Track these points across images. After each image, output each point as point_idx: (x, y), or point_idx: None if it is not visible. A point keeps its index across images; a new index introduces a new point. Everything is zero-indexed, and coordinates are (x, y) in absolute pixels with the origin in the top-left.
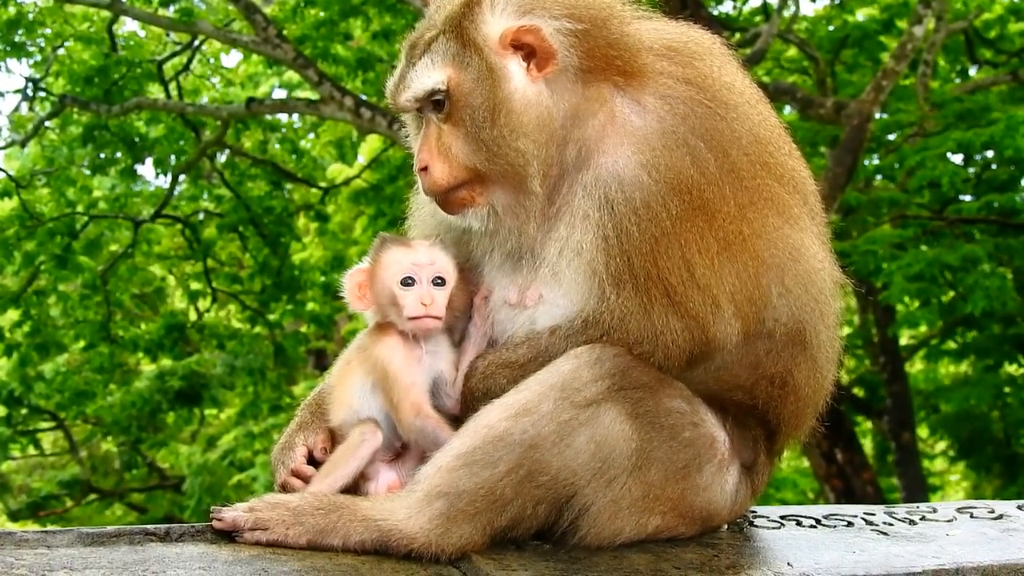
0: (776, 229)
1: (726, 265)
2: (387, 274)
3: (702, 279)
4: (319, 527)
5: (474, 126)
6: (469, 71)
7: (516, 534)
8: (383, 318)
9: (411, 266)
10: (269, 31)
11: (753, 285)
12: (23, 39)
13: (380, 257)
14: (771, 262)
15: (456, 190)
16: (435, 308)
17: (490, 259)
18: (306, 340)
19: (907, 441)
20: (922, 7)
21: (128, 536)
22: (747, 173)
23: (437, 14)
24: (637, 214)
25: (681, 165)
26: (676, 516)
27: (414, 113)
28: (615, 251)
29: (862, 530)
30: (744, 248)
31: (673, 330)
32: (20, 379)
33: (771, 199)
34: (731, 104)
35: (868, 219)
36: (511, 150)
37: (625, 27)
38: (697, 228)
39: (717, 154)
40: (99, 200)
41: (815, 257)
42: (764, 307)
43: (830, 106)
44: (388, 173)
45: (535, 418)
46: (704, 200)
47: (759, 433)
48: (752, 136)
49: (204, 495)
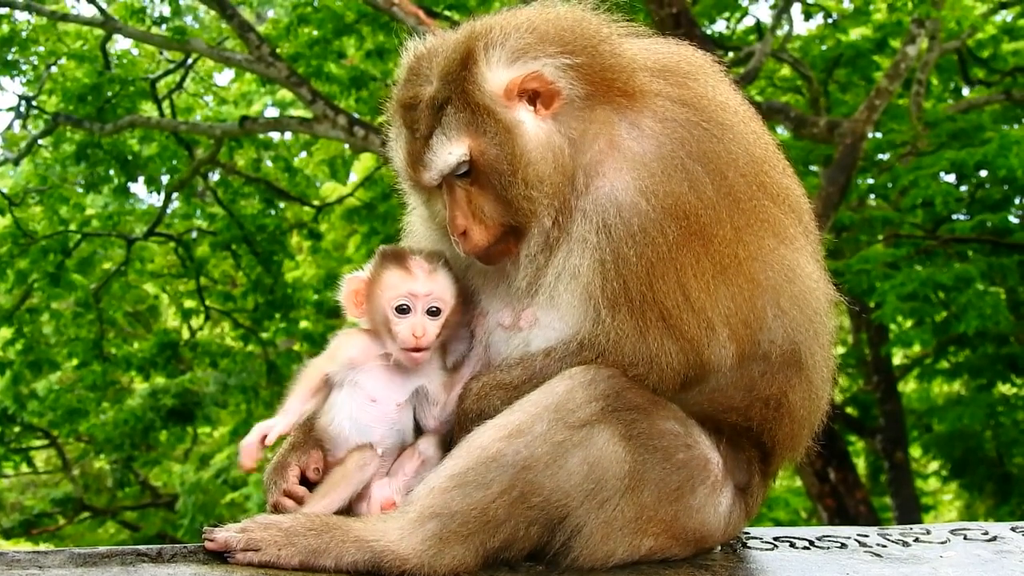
0: (772, 250)
1: (721, 288)
2: (383, 296)
3: (697, 302)
4: (311, 548)
5: (501, 187)
6: (487, 135)
7: (509, 555)
8: (374, 329)
9: (407, 294)
10: (262, 49)
11: (748, 308)
12: (16, 57)
13: (379, 275)
14: (767, 284)
15: (495, 246)
16: (426, 340)
17: (485, 282)
18: (299, 358)
19: (900, 460)
20: (915, 27)
21: (120, 557)
22: (744, 195)
23: (427, 68)
24: (634, 239)
25: (679, 191)
26: (669, 538)
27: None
28: (612, 275)
29: (855, 552)
30: (740, 271)
31: (668, 353)
32: (13, 397)
33: (767, 220)
34: (727, 124)
35: (861, 238)
36: (536, 201)
37: (617, 49)
38: (694, 252)
39: (714, 177)
40: (92, 218)
41: (810, 277)
42: (759, 330)
43: (823, 125)
44: (381, 191)
45: (528, 439)
46: (701, 224)
47: (753, 455)
48: (748, 156)
49: (197, 513)
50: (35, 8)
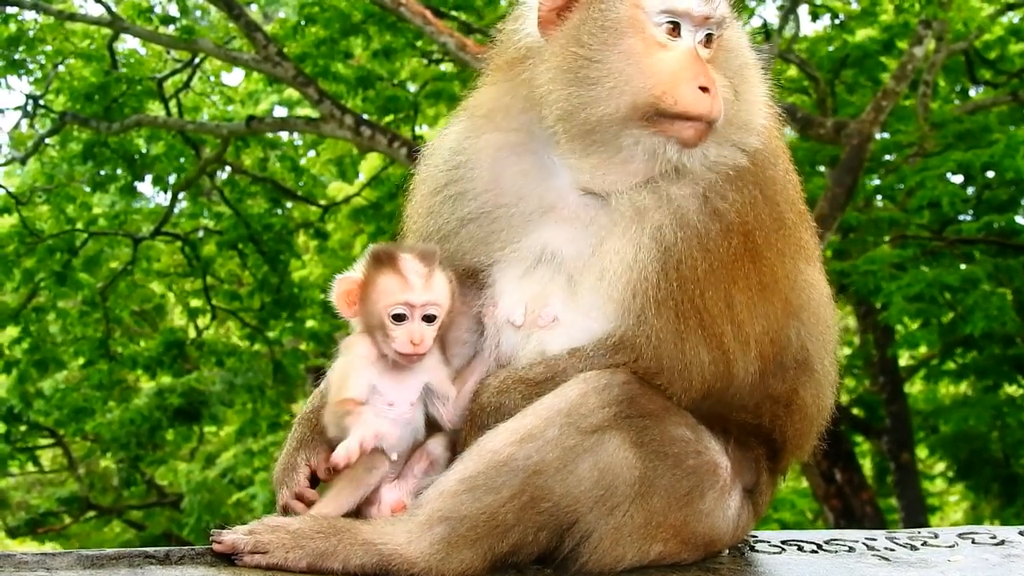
0: (801, 273)
1: (759, 306)
2: (379, 301)
3: (739, 316)
4: (319, 551)
5: (730, 79)
6: (735, 30)
7: (517, 560)
8: (368, 330)
9: (404, 304)
10: (269, 49)
11: (778, 327)
12: (23, 56)
13: (374, 279)
14: (796, 304)
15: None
16: (423, 346)
17: (500, 267)
18: (305, 357)
19: (906, 461)
20: (922, 28)
21: (128, 559)
22: (789, 222)
23: None
24: (702, 242)
25: (746, 209)
26: (678, 543)
27: (665, 30)
28: (672, 274)
29: (863, 555)
30: (777, 291)
31: (701, 362)
32: (19, 396)
33: (802, 245)
34: (776, 151)
35: (868, 239)
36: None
37: None
38: (744, 268)
39: (772, 205)
40: (99, 217)
41: (822, 284)
42: (784, 349)
43: (830, 126)
44: (388, 191)
45: (540, 444)
46: (755, 243)
47: (761, 453)
48: (792, 183)
49: (203, 513)
50: (42, 7)
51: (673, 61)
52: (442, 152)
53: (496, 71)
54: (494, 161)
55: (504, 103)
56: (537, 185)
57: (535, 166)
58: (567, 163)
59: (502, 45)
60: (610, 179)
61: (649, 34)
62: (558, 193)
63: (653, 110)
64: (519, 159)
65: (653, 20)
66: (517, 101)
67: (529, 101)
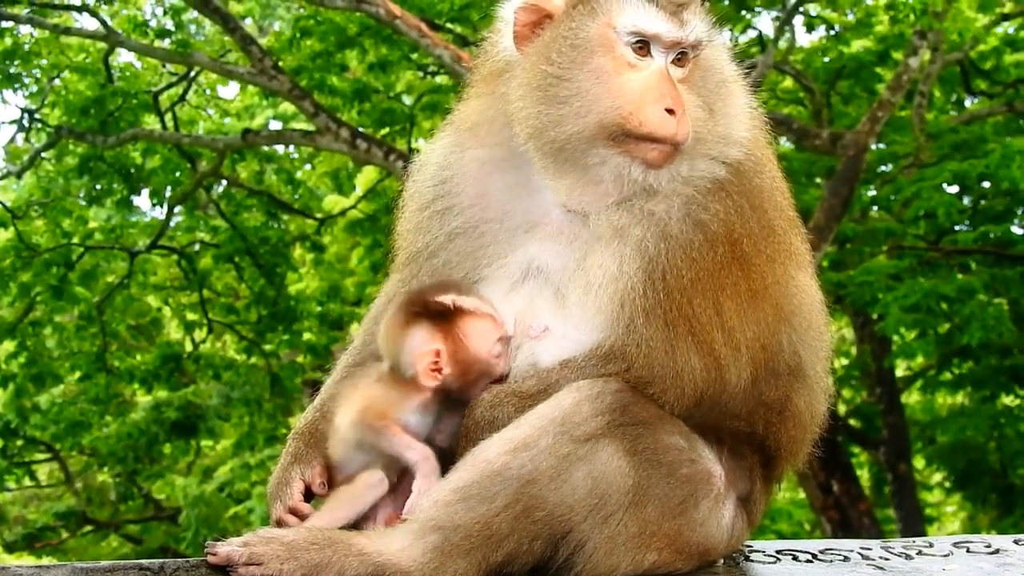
0: (792, 279)
1: (750, 313)
2: (482, 348)
3: (728, 323)
4: (314, 562)
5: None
6: (714, 48)
7: (511, 570)
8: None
9: (500, 341)
10: (265, 62)
11: (769, 333)
12: (19, 70)
13: (464, 329)
14: (787, 311)
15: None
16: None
17: (488, 282)
18: (302, 370)
19: (903, 472)
20: (918, 38)
21: (123, 571)
22: (779, 229)
23: None
24: (687, 252)
25: (732, 219)
26: (673, 552)
27: (634, 49)
28: (659, 284)
29: (858, 565)
30: (767, 297)
31: (692, 369)
32: (16, 410)
33: (792, 252)
34: (764, 160)
35: (864, 250)
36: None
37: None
38: (733, 276)
39: (759, 213)
40: (95, 231)
41: (814, 290)
42: (775, 354)
43: (826, 137)
44: (384, 204)
45: (533, 453)
46: (743, 251)
47: (755, 461)
48: (780, 191)
49: (200, 526)
50: (38, 22)
51: (641, 82)
52: (429, 167)
53: (480, 83)
54: (479, 176)
55: (488, 116)
56: (522, 201)
57: (519, 182)
58: (545, 181)
59: (485, 56)
60: (585, 200)
61: (619, 54)
62: (543, 209)
63: (620, 130)
64: (503, 175)
65: (623, 40)
66: (500, 115)
67: (508, 116)
